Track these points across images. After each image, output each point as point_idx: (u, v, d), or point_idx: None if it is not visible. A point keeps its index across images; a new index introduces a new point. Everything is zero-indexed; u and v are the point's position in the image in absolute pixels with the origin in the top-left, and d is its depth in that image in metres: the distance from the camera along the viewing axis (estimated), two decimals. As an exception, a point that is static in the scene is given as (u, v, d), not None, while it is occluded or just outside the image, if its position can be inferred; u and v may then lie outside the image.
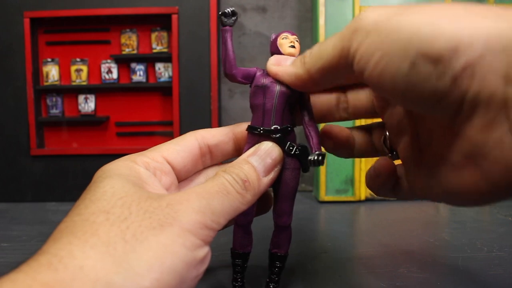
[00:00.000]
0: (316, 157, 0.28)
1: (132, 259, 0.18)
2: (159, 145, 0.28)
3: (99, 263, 0.18)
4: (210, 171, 0.31)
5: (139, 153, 0.27)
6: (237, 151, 0.31)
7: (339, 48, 0.23)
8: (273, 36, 0.31)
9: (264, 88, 0.28)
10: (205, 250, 0.21)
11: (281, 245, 0.31)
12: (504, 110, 0.17)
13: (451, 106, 0.19)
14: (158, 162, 0.26)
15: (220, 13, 0.29)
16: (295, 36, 0.31)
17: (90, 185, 0.23)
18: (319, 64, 0.25)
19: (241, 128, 0.30)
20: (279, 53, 0.30)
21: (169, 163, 0.27)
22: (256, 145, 0.28)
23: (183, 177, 0.29)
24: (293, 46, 0.30)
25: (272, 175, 0.27)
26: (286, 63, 0.28)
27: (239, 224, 0.30)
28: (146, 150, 0.27)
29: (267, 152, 0.27)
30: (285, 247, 0.31)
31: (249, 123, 0.30)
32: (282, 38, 0.30)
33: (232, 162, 0.27)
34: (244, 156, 0.27)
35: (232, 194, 0.24)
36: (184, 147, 0.28)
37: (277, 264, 0.31)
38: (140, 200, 0.21)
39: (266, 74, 0.29)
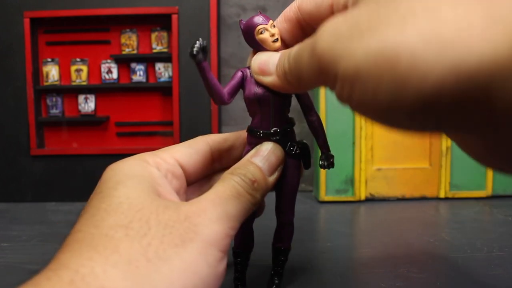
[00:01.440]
0: (326, 162, 0.28)
1: (154, 280, 0.18)
2: (171, 146, 0.27)
3: (121, 283, 0.17)
4: (217, 177, 0.30)
5: (149, 152, 0.26)
6: None
7: (314, 74, 0.21)
8: (242, 25, 0.28)
9: (258, 98, 0.28)
10: (224, 263, 0.21)
11: (284, 240, 0.31)
12: None
13: None
14: (169, 164, 0.26)
15: (189, 53, 0.26)
16: (271, 21, 0.27)
17: (102, 189, 0.22)
18: (301, 81, 0.23)
19: None
20: (263, 49, 0.28)
21: (180, 165, 0.27)
22: (257, 147, 0.28)
23: (192, 181, 0.28)
24: (276, 40, 0.27)
25: (276, 175, 0.27)
26: (270, 69, 0.26)
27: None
28: (157, 150, 0.26)
29: (269, 152, 0.27)
30: (288, 241, 0.32)
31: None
32: (261, 33, 0.27)
33: (236, 164, 0.26)
34: (247, 157, 0.27)
35: (243, 195, 0.24)
36: (196, 150, 0.28)
37: (281, 258, 0.32)
38: (158, 212, 0.21)
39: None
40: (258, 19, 0.28)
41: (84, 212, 0.22)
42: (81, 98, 0.73)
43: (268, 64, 0.26)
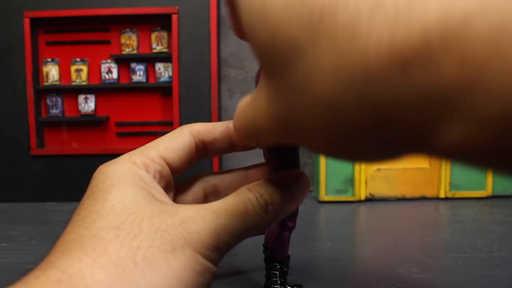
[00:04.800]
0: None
1: (142, 285, 0.18)
2: (156, 141, 0.27)
3: (108, 287, 0.18)
4: (210, 178, 0.30)
5: (136, 151, 0.26)
6: (231, 148, 0.30)
7: None
8: None
9: None
10: (213, 272, 0.21)
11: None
12: None
13: None
14: (158, 164, 0.25)
15: None
16: None
17: (94, 191, 0.22)
18: None
19: None
20: None
21: (167, 163, 0.26)
22: (286, 171, 0.27)
23: (177, 177, 0.28)
24: None
25: (295, 204, 0.26)
26: None
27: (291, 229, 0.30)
28: (144, 147, 0.26)
29: (297, 179, 0.26)
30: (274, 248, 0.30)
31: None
32: None
33: (258, 182, 0.25)
34: (272, 178, 0.26)
35: (252, 215, 0.23)
36: (182, 145, 0.27)
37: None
38: (153, 216, 0.21)
39: None
40: None
41: (76, 214, 0.21)
42: (81, 98, 0.73)
43: None
